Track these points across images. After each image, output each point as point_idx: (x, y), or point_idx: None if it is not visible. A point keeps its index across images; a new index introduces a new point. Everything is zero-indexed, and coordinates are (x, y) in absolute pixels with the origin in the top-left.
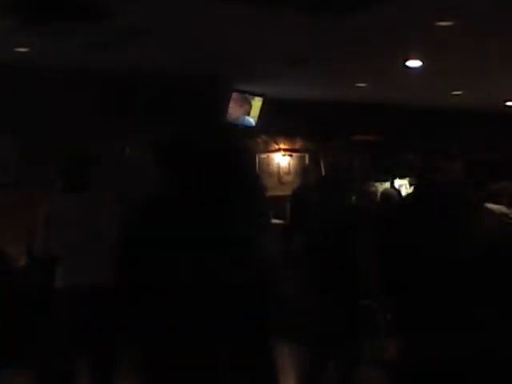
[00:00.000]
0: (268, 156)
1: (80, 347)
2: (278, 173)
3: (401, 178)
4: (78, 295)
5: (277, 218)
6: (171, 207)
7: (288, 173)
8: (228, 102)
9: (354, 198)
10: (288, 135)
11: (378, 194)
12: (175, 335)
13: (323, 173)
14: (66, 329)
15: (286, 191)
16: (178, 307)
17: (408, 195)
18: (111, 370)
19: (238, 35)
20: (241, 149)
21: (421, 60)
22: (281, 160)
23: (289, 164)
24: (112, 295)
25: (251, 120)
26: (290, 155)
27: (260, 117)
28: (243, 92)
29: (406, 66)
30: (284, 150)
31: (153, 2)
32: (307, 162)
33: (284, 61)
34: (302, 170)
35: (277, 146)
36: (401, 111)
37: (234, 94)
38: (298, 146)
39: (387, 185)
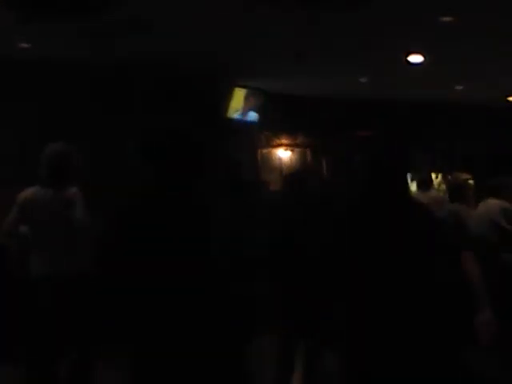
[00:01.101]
0: (269, 151)
1: (54, 341)
2: (280, 168)
3: None
4: (47, 287)
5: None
6: (157, 206)
7: (290, 168)
8: (229, 97)
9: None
10: (289, 130)
11: None
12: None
13: (324, 168)
14: (41, 320)
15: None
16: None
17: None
18: (91, 364)
19: (238, 31)
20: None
21: (422, 55)
22: (282, 155)
23: (290, 159)
24: (79, 287)
25: (254, 115)
26: (292, 150)
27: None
28: (245, 87)
29: (408, 61)
30: (285, 145)
31: None
32: (309, 157)
33: (285, 56)
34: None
35: (278, 141)
36: (402, 106)
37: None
38: (299, 141)
39: None
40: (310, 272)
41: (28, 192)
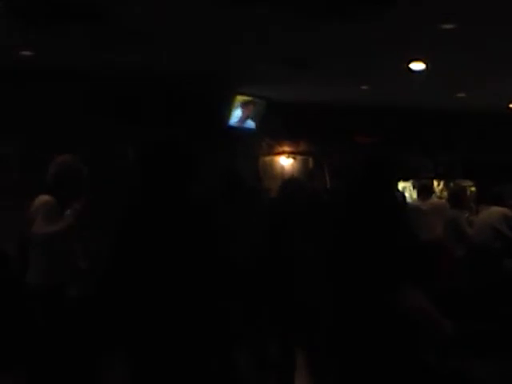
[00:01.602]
0: (271, 158)
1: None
2: (282, 175)
3: (404, 180)
4: (37, 296)
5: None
6: (151, 214)
7: (290, 175)
8: (230, 105)
9: None
10: (291, 138)
11: None
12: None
13: (327, 176)
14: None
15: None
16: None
17: None
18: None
19: (239, 38)
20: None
21: (424, 62)
22: (284, 162)
23: (292, 166)
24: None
25: (255, 122)
26: (294, 158)
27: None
28: (246, 95)
29: (410, 69)
30: (287, 152)
31: (154, 4)
32: (311, 164)
33: (287, 63)
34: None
35: (280, 149)
36: (404, 113)
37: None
38: (301, 148)
39: None
40: (300, 279)
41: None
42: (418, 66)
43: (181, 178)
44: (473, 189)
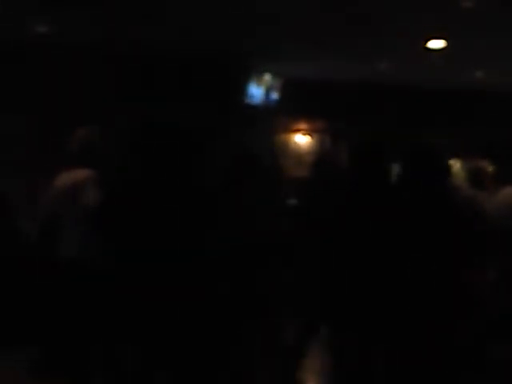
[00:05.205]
0: (287, 136)
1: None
2: (298, 153)
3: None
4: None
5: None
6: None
7: (308, 153)
8: (246, 82)
9: None
10: (308, 115)
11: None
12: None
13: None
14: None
15: (306, 172)
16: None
17: None
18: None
19: (255, 13)
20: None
21: (443, 40)
22: (300, 140)
23: (308, 144)
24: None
25: (271, 99)
26: (310, 135)
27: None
28: (262, 71)
29: (428, 47)
30: (304, 130)
31: None
32: (327, 142)
33: (303, 40)
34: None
35: (296, 126)
36: (422, 92)
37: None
38: (317, 126)
39: None
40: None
41: (58, 173)
42: (436, 43)
43: (178, 158)
44: (491, 168)
